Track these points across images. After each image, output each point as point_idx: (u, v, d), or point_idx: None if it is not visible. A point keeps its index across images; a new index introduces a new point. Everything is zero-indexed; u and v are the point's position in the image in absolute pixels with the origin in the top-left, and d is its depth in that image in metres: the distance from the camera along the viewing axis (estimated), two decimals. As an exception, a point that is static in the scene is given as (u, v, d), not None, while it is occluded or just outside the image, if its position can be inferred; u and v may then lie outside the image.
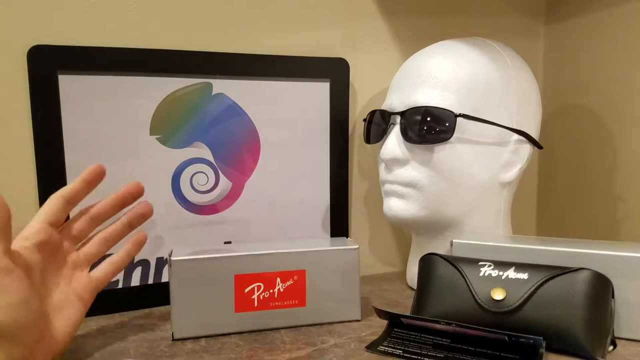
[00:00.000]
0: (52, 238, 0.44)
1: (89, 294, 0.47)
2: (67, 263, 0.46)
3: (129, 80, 0.58)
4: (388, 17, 0.73)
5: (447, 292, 0.49)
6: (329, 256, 0.53)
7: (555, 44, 0.81)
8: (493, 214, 0.60)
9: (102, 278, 0.48)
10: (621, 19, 0.69)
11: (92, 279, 0.47)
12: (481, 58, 0.57)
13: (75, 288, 0.46)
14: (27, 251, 0.41)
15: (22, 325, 0.37)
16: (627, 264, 0.47)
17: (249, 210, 0.65)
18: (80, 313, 0.45)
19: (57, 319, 0.43)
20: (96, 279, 0.48)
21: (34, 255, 0.42)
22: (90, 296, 0.47)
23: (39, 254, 0.42)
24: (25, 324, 0.38)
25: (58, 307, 0.43)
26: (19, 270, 0.38)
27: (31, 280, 0.40)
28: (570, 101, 0.78)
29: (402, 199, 0.58)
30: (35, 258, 0.42)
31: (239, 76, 0.63)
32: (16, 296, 0.37)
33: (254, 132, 0.64)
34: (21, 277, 0.38)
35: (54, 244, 0.44)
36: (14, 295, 0.37)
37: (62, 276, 0.45)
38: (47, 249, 0.43)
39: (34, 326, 0.39)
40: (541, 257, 0.50)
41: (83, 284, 0.46)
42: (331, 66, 0.67)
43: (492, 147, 0.57)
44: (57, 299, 0.44)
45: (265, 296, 0.51)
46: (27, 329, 0.38)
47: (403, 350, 0.46)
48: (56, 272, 0.45)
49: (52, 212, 0.44)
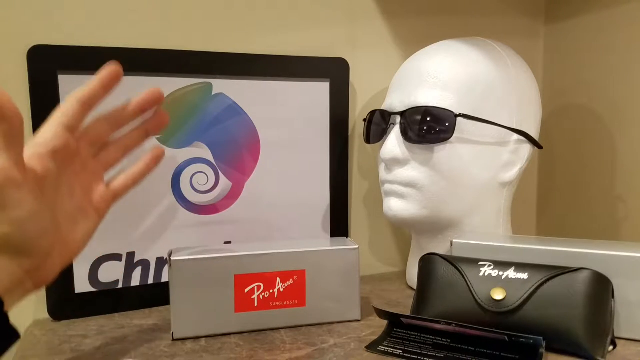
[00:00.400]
0: (68, 143, 0.40)
1: (104, 205, 0.44)
2: (83, 171, 0.43)
3: (129, 80, 0.58)
4: (388, 17, 0.73)
5: (447, 292, 0.49)
6: (329, 256, 0.53)
7: (555, 44, 0.81)
8: (493, 214, 0.60)
9: (119, 189, 0.45)
10: (621, 19, 0.69)
11: (110, 190, 0.45)
12: (481, 58, 0.57)
13: (91, 198, 0.43)
14: (41, 159, 0.38)
15: (33, 238, 0.36)
16: (627, 264, 0.47)
17: (249, 210, 0.65)
18: (95, 224, 0.43)
19: (71, 229, 0.41)
20: (113, 190, 0.45)
21: (49, 163, 0.39)
22: (106, 206, 0.44)
23: (54, 161, 0.39)
24: (37, 236, 0.37)
25: (73, 217, 0.41)
26: (31, 182, 0.36)
27: (44, 191, 0.38)
28: (570, 101, 0.78)
29: (402, 199, 0.58)
30: (50, 166, 0.39)
31: (239, 76, 0.63)
32: (27, 210, 0.36)
33: (254, 132, 0.64)
34: (33, 189, 0.36)
35: (70, 150, 0.41)
36: (24, 209, 0.35)
37: (79, 185, 0.42)
38: (63, 155, 0.40)
39: (45, 238, 0.37)
40: (541, 257, 0.50)
41: (100, 194, 0.44)
42: (331, 66, 0.67)
43: (492, 147, 0.57)
44: (72, 208, 0.41)
45: (265, 296, 0.51)
46: (38, 241, 0.37)
47: (403, 350, 0.46)
48: (72, 181, 0.42)
49: (67, 115, 0.40)
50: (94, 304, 0.58)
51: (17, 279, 0.37)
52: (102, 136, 0.44)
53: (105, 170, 0.45)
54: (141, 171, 0.47)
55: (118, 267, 0.60)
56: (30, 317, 0.59)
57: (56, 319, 0.57)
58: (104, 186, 0.44)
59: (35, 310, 0.59)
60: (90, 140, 0.43)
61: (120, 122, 0.45)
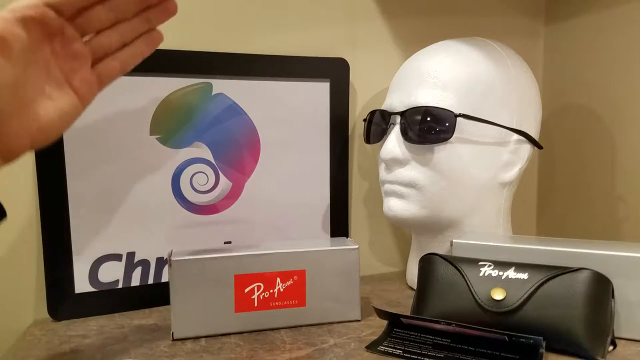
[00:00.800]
0: (46, 18, 0.38)
1: (87, 87, 0.42)
2: (64, 50, 0.40)
3: (129, 80, 0.58)
4: (388, 17, 0.73)
5: (447, 292, 0.49)
6: (329, 256, 0.53)
7: (555, 44, 0.81)
8: (493, 214, 0.60)
9: (105, 72, 0.43)
10: (621, 19, 0.69)
11: (94, 73, 0.42)
12: (481, 58, 0.57)
13: (72, 79, 0.41)
14: (8, 23, 0.36)
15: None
16: (627, 264, 0.47)
17: (249, 210, 0.65)
18: (74, 106, 0.41)
19: (44, 104, 0.39)
20: (98, 73, 0.42)
21: (17, 29, 0.36)
22: (89, 90, 0.42)
23: (24, 30, 0.37)
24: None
25: (46, 93, 0.39)
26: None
27: (11, 60, 0.36)
28: (570, 101, 0.78)
29: (402, 199, 0.58)
30: (18, 33, 0.36)
31: (239, 76, 0.63)
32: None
33: (254, 132, 0.65)
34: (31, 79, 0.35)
35: (48, 25, 0.39)
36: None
37: (57, 64, 0.40)
38: (39, 28, 0.38)
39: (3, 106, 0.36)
40: (541, 257, 0.50)
41: (82, 77, 0.41)
42: (331, 66, 0.67)
43: (492, 147, 0.57)
44: (47, 85, 0.39)
45: (265, 296, 0.51)
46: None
47: (403, 350, 0.46)
48: (49, 58, 0.39)
49: None
50: (94, 304, 0.58)
51: None
52: (95, 23, 0.41)
53: (96, 55, 0.42)
54: (131, 56, 0.44)
55: (118, 267, 0.60)
56: (30, 317, 0.59)
57: (56, 319, 0.57)
58: (88, 69, 0.42)
59: (35, 310, 0.59)
60: (80, 25, 0.41)
61: (120, 11, 0.42)
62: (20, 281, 0.59)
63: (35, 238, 0.58)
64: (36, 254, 0.58)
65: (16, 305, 0.58)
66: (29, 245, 0.58)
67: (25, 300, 0.59)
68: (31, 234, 0.58)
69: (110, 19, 0.42)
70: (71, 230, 0.57)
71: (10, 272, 0.58)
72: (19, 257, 0.58)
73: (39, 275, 0.58)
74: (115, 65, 0.43)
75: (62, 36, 0.40)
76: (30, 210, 0.58)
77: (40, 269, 0.57)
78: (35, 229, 0.58)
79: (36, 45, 0.38)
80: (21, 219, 0.58)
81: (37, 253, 0.58)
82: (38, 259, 0.58)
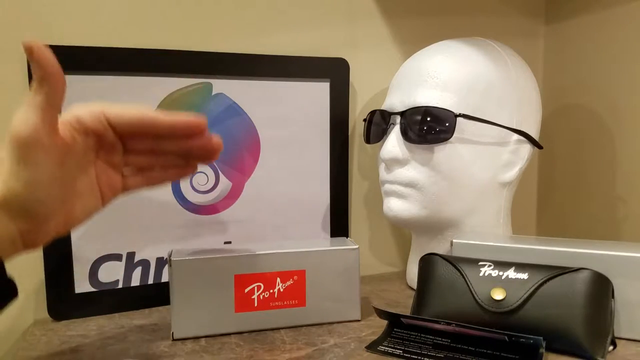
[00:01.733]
0: (104, 133, 0.40)
1: (112, 193, 0.43)
2: (106, 159, 0.42)
3: (129, 80, 0.58)
4: (388, 17, 0.73)
5: (447, 292, 0.49)
6: (329, 256, 0.53)
7: (555, 44, 0.81)
8: (493, 214, 0.60)
9: (131, 184, 0.44)
10: (621, 19, 0.69)
11: (122, 181, 0.44)
12: (481, 58, 0.57)
13: (102, 182, 0.42)
14: (73, 131, 0.38)
15: (40, 203, 0.36)
16: (627, 264, 0.47)
17: (249, 210, 0.65)
18: (97, 208, 0.42)
19: (75, 204, 0.40)
20: (125, 182, 0.44)
21: (79, 137, 0.38)
22: (113, 195, 0.43)
23: (84, 138, 0.39)
24: (44, 202, 0.37)
25: (79, 194, 0.40)
26: (58, 149, 0.36)
27: (64, 161, 0.38)
28: (570, 101, 0.78)
29: (402, 199, 0.58)
30: (79, 140, 0.38)
31: (239, 76, 0.63)
32: (45, 174, 0.36)
33: (254, 132, 0.64)
34: (57, 156, 0.36)
35: (103, 138, 0.40)
36: (43, 173, 0.36)
37: (97, 167, 0.42)
38: (95, 139, 0.40)
39: (51, 205, 0.37)
40: (541, 257, 0.50)
41: (111, 183, 0.43)
42: (331, 66, 0.67)
43: (492, 147, 0.57)
44: (82, 186, 0.40)
45: (265, 296, 0.51)
46: (43, 207, 0.37)
47: (403, 350, 0.46)
48: (93, 161, 0.41)
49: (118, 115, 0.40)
50: (94, 304, 0.58)
51: (10, 237, 0.37)
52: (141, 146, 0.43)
53: (129, 168, 0.44)
54: (162, 178, 0.45)
55: (118, 267, 0.60)
56: (30, 317, 0.59)
57: (56, 319, 0.57)
58: (119, 178, 0.43)
59: (35, 310, 0.59)
60: (127, 140, 0.42)
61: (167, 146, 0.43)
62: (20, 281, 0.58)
63: (35, 238, 0.58)
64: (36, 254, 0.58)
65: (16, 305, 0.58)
66: (29, 245, 0.58)
67: (25, 300, 0.59)
68: (31, 234, 0.58)
69: (153, 146, 0.43)
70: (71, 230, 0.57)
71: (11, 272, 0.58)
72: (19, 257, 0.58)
73: (39, 275, 0.58)
74: (142, 181, 0.45)
75: (108, 148, 0.42)
76: (30, 210, 0.58)
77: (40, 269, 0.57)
78: (35, 229, 0.58)
79: (84, 151, 0.40)
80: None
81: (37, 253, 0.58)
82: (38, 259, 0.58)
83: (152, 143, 0.43)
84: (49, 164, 0.36)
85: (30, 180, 0.35)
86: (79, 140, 0.39)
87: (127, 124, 0.40)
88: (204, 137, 0.43)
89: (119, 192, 0.44)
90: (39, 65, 0.35)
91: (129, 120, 0.40)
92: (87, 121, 0.39)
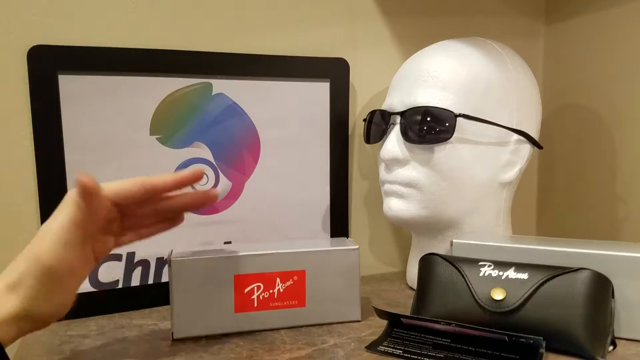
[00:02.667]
0: (110, 212, 0.42)
1: (105, 253, 0.44)
2: (106, 230, 0.44)
3: (129, 80, 0.58)
4: (388, 17, 0.73)
5: (447, 292, 0.49)
6: (329, 256, 0.53)
7: (555, 44, 0.81)
8: (493, 214, 0.60)
9: (123, 241, 0.46)
10: (621, 19, 0.69)
11: (116, 241, 0.45)
12: (481, 58, 0.57)
13: (98, 250, 0.44)
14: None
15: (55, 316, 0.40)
16: (627, 264, 0.47)
17: (249, 210, 0.65)
18: (91, 268, 0.43)
19: (76, 280, 0.41)
20: (116, 242, 0.45)
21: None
22: (105, 254, 0.45)
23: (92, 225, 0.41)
24: (59, 315, 0.40)
25: (80, 274, 0.42)
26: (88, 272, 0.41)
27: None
28: (570, 101, 0.78)
29: (402, 199, 0.58)
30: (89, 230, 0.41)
31: (239, 76, 0.63)
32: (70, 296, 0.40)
33: (254, 132, 0.64)
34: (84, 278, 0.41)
35: (107, 217, 0.43)
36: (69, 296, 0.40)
37: (95, 240, 0.43)
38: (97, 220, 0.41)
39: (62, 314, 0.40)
40: (541, 257, 0.50)
41: (106, 248, 0.44)
42: (331, 66, 0.67)
43: (492, 147, 0.57)
44: (82, 263, 0.41)
45: (265, 296, 0.51)
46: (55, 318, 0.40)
47: (403, 350, 0.46)
48: (90, 237, 0.42)
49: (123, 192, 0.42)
50: (94, 304, 0.58)
51: (10, 337, 0.39)
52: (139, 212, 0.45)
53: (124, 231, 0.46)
54: (153, 232, 0.47)
55: (118, 267, 0.60)
56: (30, 317, 0.59)
57: (56, 319, 0.57)
58: (113, 239, 0.45)
59: (35, 310, 0.59)
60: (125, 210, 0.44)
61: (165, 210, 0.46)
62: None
63: (35, 238, 0.58)
64: (36, 254, 0.58)
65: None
66: (29, 245, 0.58)
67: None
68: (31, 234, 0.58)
69: (149, 208, 0.45)
70: (71, 230, 0.57)
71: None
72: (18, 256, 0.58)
73: (39, 275, 0.58)
74: (133, 237, 0.46)
75: (108, 221, 0.43)
76: (30, 210, 0.58)
77: (40, 269, 0.57)
78: (35, 228, 0.58)
79: (86, 232, 0.41)
80: (21, 218, 0.58)
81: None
82: (38, 259, 0.58)
83: (149, 206, 0.45)
84: (76, 288, 0.40)
85: (61, 302, 0.39)
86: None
87: (129, 198, 0.42)
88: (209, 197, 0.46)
89: (111, 249, 0.45)
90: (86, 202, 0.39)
91: (130, 194, 0.42)
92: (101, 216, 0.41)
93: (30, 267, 0.38)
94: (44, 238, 0.39)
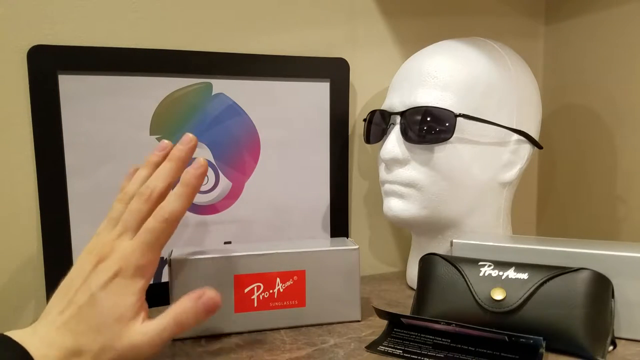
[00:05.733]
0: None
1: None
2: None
3: (129, 80, 0.58)
4: (388, 17, 0.73)
5: (447, 292, 0.49)
6: (329, 256, 0.53)
7: (555, 44, 0.81)
8: (493, 214, 0.60)
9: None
10: (621, 19, 0.69)
11: None
12: (481, 58, 0.57)
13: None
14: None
15: None
16: (627, 264, 0.47)
17: (249, 210, 0.65)
18: None
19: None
20: None
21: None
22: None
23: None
24: None
25: None
26: None
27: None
28: (570, 101, 0.78)
29: (402, 199, 0.58)
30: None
31: (239, 76, 0.63)
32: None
33: (254, 132, 0.64)
34: None
35: None
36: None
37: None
38: None
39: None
40: (541, 257, 0.50)
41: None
42: (331, 66, 0.67)
43: (492, 147, 0.57)
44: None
45: (265, 296, 0.51)
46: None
47: (403, 350, 0.46)
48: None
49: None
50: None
51: None
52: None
53: None
54: None
55: (118, 267, 0.59)
56: (30, 317, 0.59)
57: (56, 319, 0.57)
58: None
59: (35, 310, 0.59)
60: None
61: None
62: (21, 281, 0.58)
63: (35, 238, 0.58)
64: (36, 254, 0.58)
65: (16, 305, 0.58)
66: (29, 245, 0.58)
67: (25, 300, 0.59)
68: (31, 234, 0.58)
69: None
70: (71, 230, 0.57)
71: (11, 272, 0.58)
72: (19, 257, 0.58)
73: (39, 275, 0.58)
74: None
75: None
76: (30, 210, 0.58)
77: (40, 269, 0.57)
78: (35, 228, 0.58)
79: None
80: (21, 219, 0.58)
81: (37, 253, 0.58)
82: (38, 259, 0.58)
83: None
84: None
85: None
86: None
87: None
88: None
89: None
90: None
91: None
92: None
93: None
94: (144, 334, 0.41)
